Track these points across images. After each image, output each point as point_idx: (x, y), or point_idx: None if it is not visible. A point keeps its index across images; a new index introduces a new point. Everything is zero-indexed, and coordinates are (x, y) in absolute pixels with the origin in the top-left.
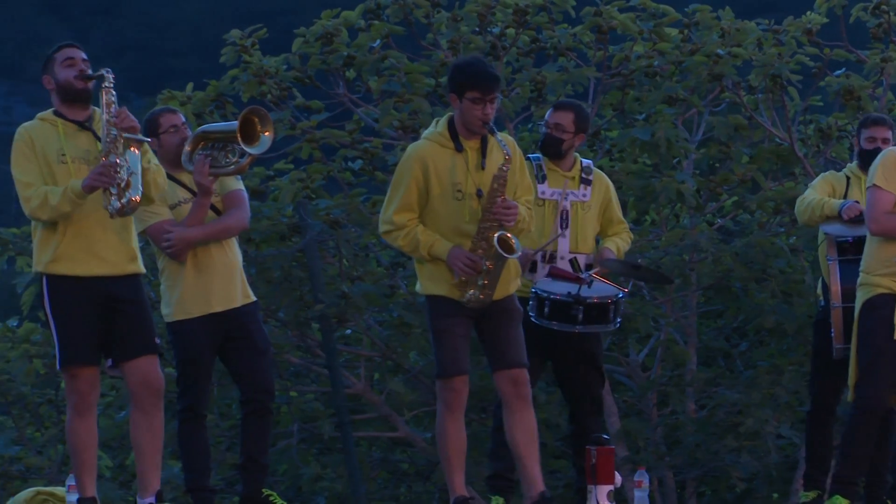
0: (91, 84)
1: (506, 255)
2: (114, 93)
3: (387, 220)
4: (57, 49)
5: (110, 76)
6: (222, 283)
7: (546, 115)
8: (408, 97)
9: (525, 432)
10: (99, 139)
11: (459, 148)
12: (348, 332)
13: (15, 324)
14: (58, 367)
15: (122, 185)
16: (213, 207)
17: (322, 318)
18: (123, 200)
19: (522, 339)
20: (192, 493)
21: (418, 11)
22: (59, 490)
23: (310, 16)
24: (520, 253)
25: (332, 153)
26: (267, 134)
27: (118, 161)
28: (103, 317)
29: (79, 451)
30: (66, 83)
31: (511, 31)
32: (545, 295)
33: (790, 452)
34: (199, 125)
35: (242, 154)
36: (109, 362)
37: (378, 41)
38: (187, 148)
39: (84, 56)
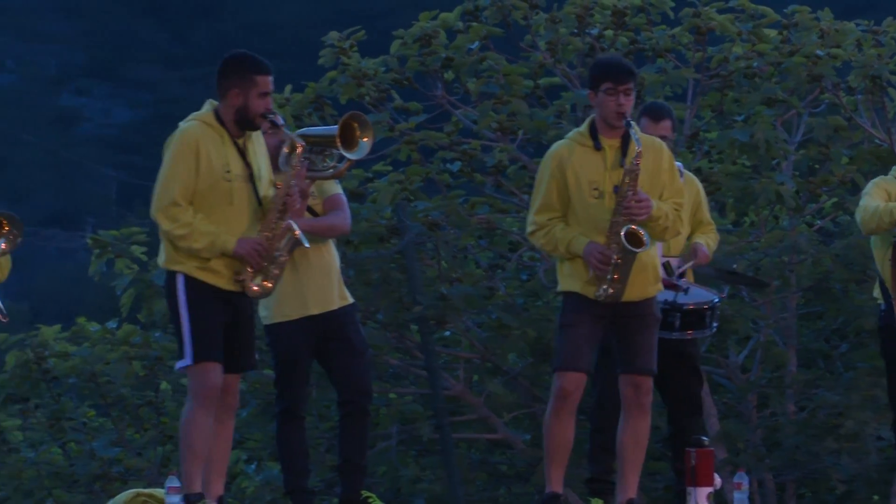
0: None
1: (633, 249)
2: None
3: (530, 221)
4: (256, 70)
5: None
6: (319, 285)
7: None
8: (506, 99)
9: (635, 439)
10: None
11: (598, 146)
12: (447, 333)
13: (114, 325)
14: (188, 362)
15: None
16: (311, 210)
17: (421, 320)
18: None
19: (654, 347)
20: (290, 494)
21: (517, 13)
22: (158, 492)
23: (408, 18)
24: (648, 247)
25: (430, 155)
26: (366, 140)
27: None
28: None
29: (195, 445)
30: (252, 114)
31: (609, 32)
32: (667, 307)
33: (890, 454)
34: (298, 127)
35: (341, 158)
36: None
37: (476, 43)
38: (285, 150)
39: (271, 87)
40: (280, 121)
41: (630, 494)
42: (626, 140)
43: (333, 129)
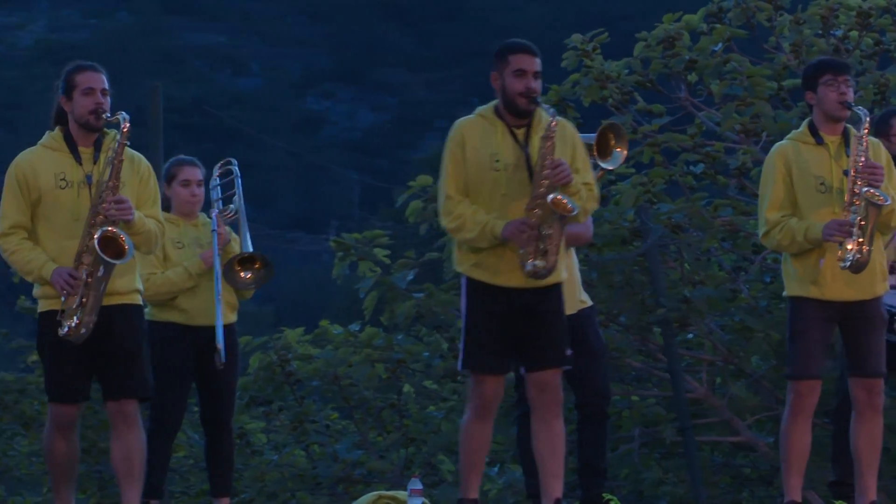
0: (533, 107)
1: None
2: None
3: (762, 222)
4: (512, 50)
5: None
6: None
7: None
8: (750, 101)
9: (869, 441)
10: (529, 157)
11: (820, 141)
12: (690, 336)
13: (357, 328)
14: (459, 366)
15: (542, 248)
16: None
17: (664, 323)
18: (538, 263)
19: (883, 348)
20: (533, 498)
21: (760, 14)
22: (400, 494)
23: (651, 20)
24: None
25: (673, 157)
26: (619, 150)
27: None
28: (518, 326)
29: (471, 453)
30: (512, 96)
31: (854, 33)
32: (893, 310)
33: None
34: None
35: (594, 166)
36: (523, 370)
37: (720, 45)
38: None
39: (538, 67)
40: (538, 100)
41: (870, 497)
42: (846, 135)
43: (590, 137)
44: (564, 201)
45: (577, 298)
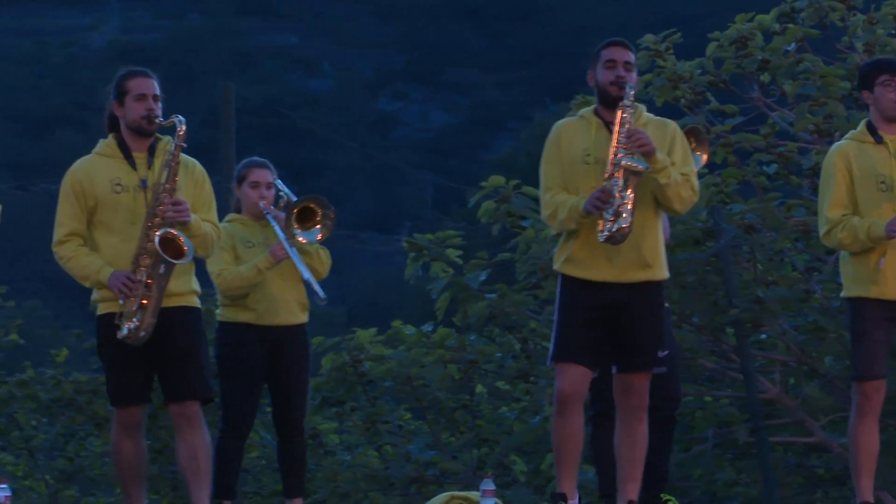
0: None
1: None
2: (630, 111)
3: (823, 221)
4: (604, 46)
5: (631, 91)
6: None
7: None
8: (823, 101)
9: None
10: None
11: (879, 140)
12: (763, 336)
13: (429, 329)
14: (548, 361)
15: (616, 212)
16: None
17: (736, 323)
18: (614, 228)
19: None
20: (605, 498)
21: (833, 14)
22: (473, 495)
23: (724, 20)
24: None
25: (746, 157)
26: (699, 153)
27: (617, 186)
28: (611, 323)
29: (559, 447)
30: (603, 86)
31: None
32: None
33: None
34: None
35: None
36: (614, 368)
37: (793, 45)
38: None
39: (628, 58)
40: (628, 89)
41: None
42: None
43: None
44: (634, 164)
45: None
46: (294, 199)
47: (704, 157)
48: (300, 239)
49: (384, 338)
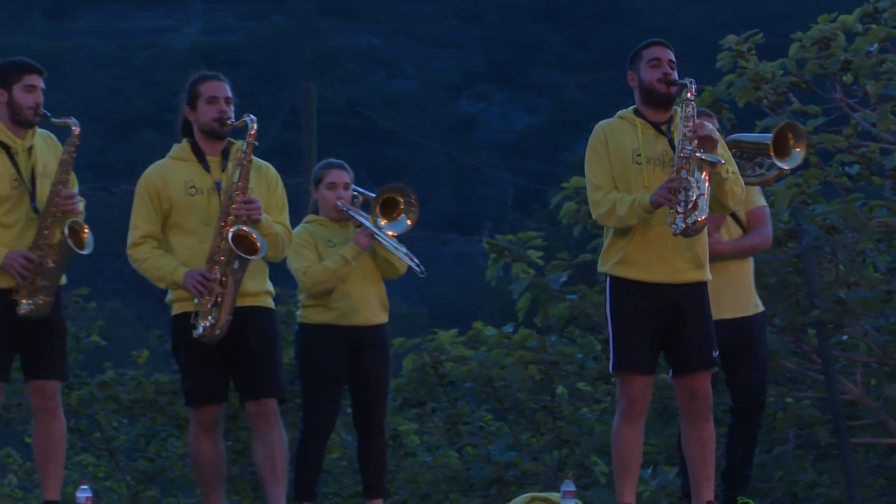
0: (673, 90)
1: None
2: (693, 105)
3: None
4: (645, 46)
5: (693, 86)
6: (734, 291)
7: None
8: None
9: None
10: (674, 147)
11: None
12: (844, 337)
13: (510, 330)
14: (610, 369)
15: (690, 205)
16: (735, 218)
17: (818, 324)
18: (689, 220)
19: None
20: (687, 498)
21: None
22: (553, 496)
23: (806, 20)
24: None
25: (828, 158)
26: (798, 150)
27: (689, 179)
28: (666, 324)
29: (623, 456)
30: (649, 85)
31: None
32: None
33: None
34: None
35: (770, 167)
36: (670, 373)
37: (875, 45)
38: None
39: (671, 57)
40: (689, 83)
41: None
42: None
43: (767, 136)
44: (710, 158)
45: (751, 302)
46: (372, 196)
47: (803, 153)
48: (390, 232)
49: (465, 339)
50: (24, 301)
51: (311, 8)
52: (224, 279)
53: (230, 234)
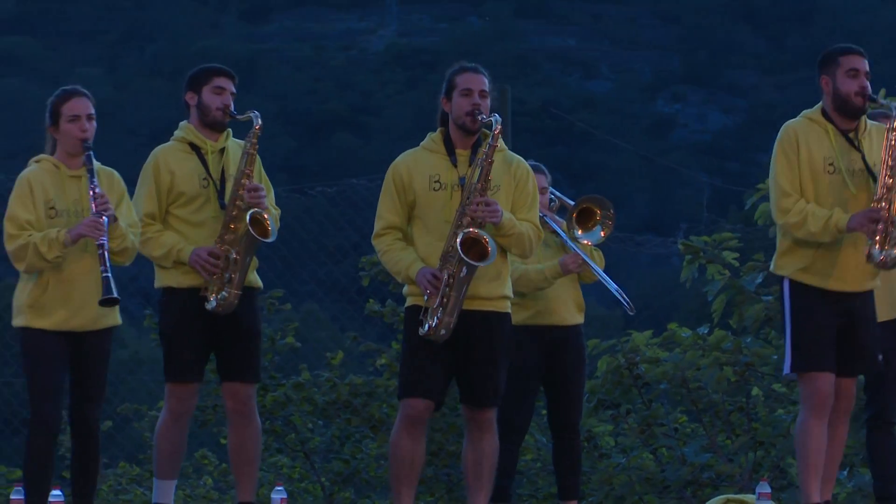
0: (868, 104)
1: None
2: None
3: None
4: (842, 52)
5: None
6: (887, 294)
7: None
8: None
9: None
10: (865, 162)
11: None
12: None
13: (705, 331)
14: (787, 370)
15: (890, 239)
16: None
17: None
18: (886, 254)
19: None
20: (881, 501)
21: None
22: (749, 498)
23: None
24: None
25: None
26: None
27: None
28: (839, 328)
29: (810, 453)
30: (846, 96)
31: None
32: None
33: None
34: None
35: None
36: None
37: None
38: None
39: (867, 68)
40: (875, 97)
41: None
42: None
43: None
44: None
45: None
46: (570, 203)
47: None
48: (584, 242)
49: (660, 340)
50: (212, 297)
51: (507, 9)
52: (451, 281)
53: (459, 238)
